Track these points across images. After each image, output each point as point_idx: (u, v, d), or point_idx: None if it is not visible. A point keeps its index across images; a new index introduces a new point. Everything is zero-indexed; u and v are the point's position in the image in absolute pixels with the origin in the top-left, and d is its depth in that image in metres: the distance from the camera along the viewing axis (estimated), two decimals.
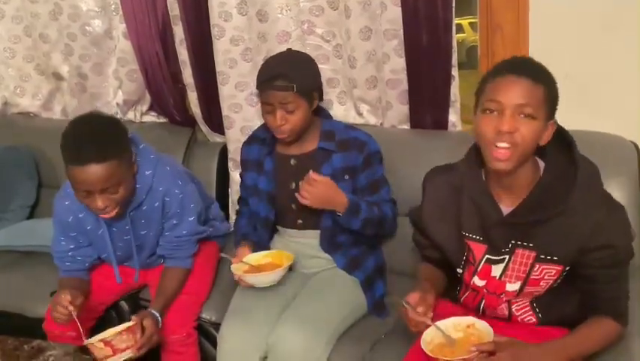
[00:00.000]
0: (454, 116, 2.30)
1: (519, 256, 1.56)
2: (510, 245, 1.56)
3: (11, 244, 2.62)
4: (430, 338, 1.54)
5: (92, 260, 2.13)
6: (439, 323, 1.57)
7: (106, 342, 1.76)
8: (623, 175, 1.61)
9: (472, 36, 7.10)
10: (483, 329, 1.52)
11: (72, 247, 2.07)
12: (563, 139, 1.55)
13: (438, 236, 1.70)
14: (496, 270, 1.60)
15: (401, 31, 2.19)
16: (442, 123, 2.31)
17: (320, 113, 2.14)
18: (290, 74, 1.96)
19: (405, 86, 2.28)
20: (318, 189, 1.92)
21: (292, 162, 2.10)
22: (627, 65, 2.04)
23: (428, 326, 1.54)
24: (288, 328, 1.88)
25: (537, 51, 2.11)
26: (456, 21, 2.16)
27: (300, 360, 1.83)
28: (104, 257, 2.15)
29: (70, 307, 1.84)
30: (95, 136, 1.80)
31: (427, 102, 2.29)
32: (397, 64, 2.25)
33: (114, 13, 2.69)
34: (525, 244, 1.55)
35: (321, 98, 2.12)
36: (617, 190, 1.85)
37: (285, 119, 1.98)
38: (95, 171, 1.76)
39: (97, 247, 2.11)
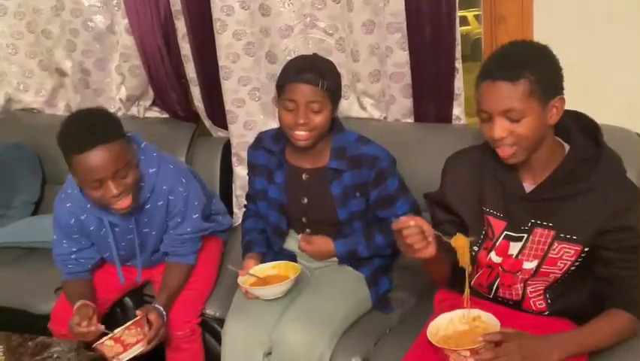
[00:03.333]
0: (457, 110, 2.29)
1: (537, 235, 1.56)
2: (530, 224, 1.56)
3: (15, 240, 2.62)
4: (435, 330, 1.54)
5: (94, 262, 2.12)
6: (442, 316, 1.56)
7: (115, 339, 1.76)
8: (627, 167, 1.60)
9: (477, 28, 7.07)
10: (489, 321, 1.52)
11: (74, 249, 2.06)
12: (587, 124, 1.56)
13: (461, 210, 1.69)
14: (514, 248, 1.60)
15: (404, 25, 2.18)
16: (445, 117, 2.30)
17: (332, 125, 2.03)
18: (321, 70, 1.87)
19: (408, 79, 2.27)
20: (314, 247, 2.03)
21: (304, 176, 2.04)
22: (632, 55, 2.02)
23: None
24: (292, 323, 1.88)
25: (541, 42, 2.10)
26: (461, 13, 2.15)
27: (305, 355, 1.83)
28: (106, 257, 2.14)
29: (92, 327, 1.82)
30: (93, 121, 1.79)
31: (430, 96, 2.28)
32: (401, 57, 2.23)
33: (116, 9, 2.68)
34: (545, 223, 1.55)
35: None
36: None
37: (310, 118, 1.86)
38: (102, 153, 1.73)
39: (99, 248, 2.10)
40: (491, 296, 1.69)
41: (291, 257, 2.13)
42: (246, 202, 2.31)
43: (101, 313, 2.12)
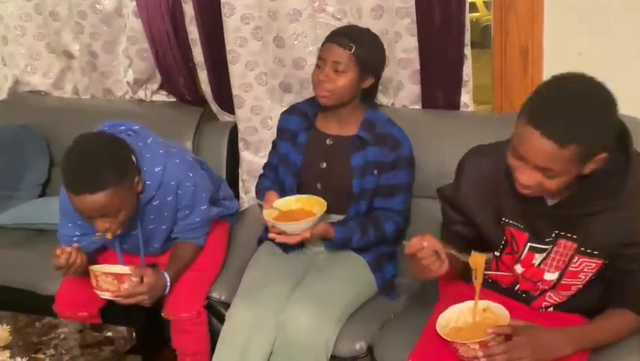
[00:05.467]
0: (466, 97, 2.28)
1: (562, 246, 1.53)
2: (554, 235, 1.53)
3: (23, 222, 2.64)
4: (445, 322, 1.53)
5: (95, 247, 2.11)
6: (452, 308, 1.55)
7: (95, 275, 1.84)
8: None
9: (486, 15, 7.03)
10: (499, 312, 1.51)
11: (78, 233, 2.06)
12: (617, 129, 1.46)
13: (477, 217, 1.62)
14: (537, 259, 1.57)
15: (413, 10, 2.17)
16: (453, 103, 2.29)
17: (366, 101, 2.10)
18: (355, 36, 1.97)
19: (416, 65, 2.26)
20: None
21: (328, 141, 2.08)
22: None
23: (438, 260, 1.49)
24: (297, 307, 1.89)
25: (552, 29, 2.09)
26: (470, 0, 2.13)
27: (310, 339, 1.84)
28: (109, 246, 2.15)
29: (65, 254, 1.87)
30: (90, 166, 1.75)
31: (438, 82, 2.27)
32: (409, 43, 2.22)
33: None
34: (569, 235, 1.51)
35: (374, 88, 2.09)
36: None
37: (330, 77, 1.95)
38: (91, 200, 1.73)
39: (102, 239, 2.11)
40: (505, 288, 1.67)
41: None
42: (263, 171, 2.29)
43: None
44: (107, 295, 1.86)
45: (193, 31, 2.56)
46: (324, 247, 2.08)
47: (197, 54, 2.60)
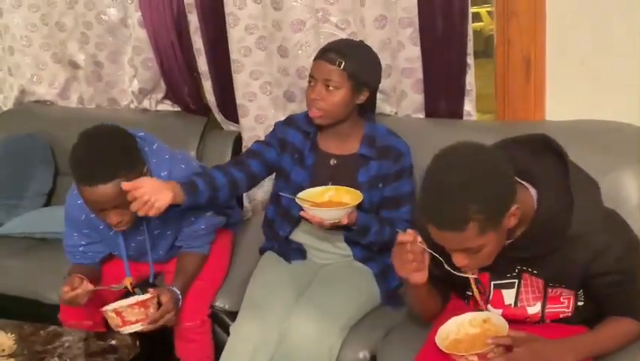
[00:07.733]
0: (469, 106, 2.28)
1: (528, 279, 1.54)
2: (517, 270, 1.54)
3: (27, 230, 2.65)
4: (445, 334, 1.52)
5: (102, 255, 2.13)
6: (452, 320, 1.55)
7: (117, 312, 1.79)
8: (638, 165, 1.59)
9: (490, 25, 7.03)
10: (499, 323, 1.50)
11: (84, 243, 2.08)
12: (553, 150, 1.50)
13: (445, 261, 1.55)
14: (509, 296, 1.57)
15: (416, 19, 2.18)
16: (457, 112, 2.29)
17: (364, 115, 2.07)
18: (345, 52, 1.91)
19: (420, 74, 2.27)
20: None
21: (332, 162, 2.06)
22: None
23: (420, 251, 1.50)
24: (301, 316, 1.88)
25: (554, 39, 2.09)
26: (474, 9, 2.14)
27: (314, 348, 1.84)
28: (115, 254, 2.15)
29: (79, 290, 1.84)
30: (101, 156, 1.76)
31: (441, 91, 2.28)
32: (412, 52, 2.23)
33: (129, 2, 2.68)
34: (530, 270, 1.52)
35: (372, 101, 2.07)
36: (632, 180, 1.83)
37: (322, 96, 1.92)
38: (104, 191, 1.74)
39: (109, 246, 2.11)
40: None
41: (301, 251, 2.14)
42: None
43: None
44: (138, 327, 1.80)
45: (198, 41, 2.58)
46: (343, 236, 2.05)
47: (202, 64, 2.62)
